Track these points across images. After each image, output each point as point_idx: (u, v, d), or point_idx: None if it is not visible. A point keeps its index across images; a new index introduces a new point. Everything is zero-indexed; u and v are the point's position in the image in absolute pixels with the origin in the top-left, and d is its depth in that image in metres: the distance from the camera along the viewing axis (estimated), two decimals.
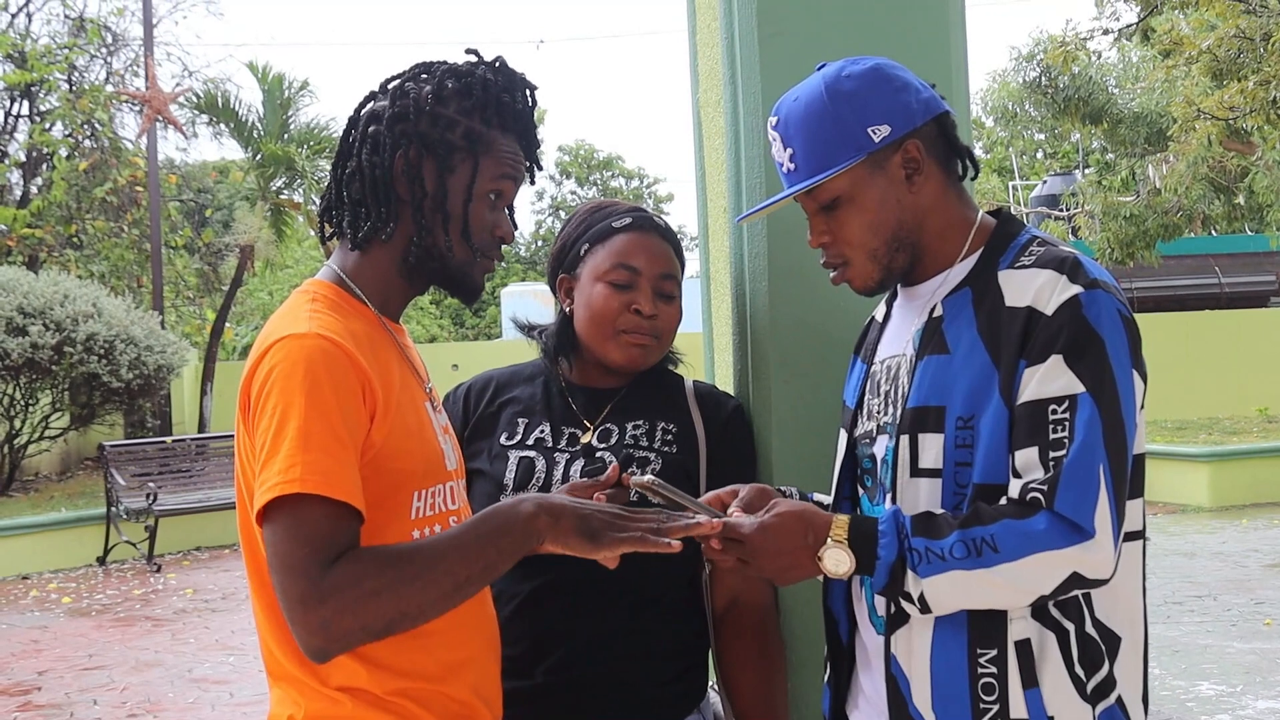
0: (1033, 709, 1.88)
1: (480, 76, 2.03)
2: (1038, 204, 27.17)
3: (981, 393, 1.90)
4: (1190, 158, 17.27)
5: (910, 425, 1.97)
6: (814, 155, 2.01)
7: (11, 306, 14.09)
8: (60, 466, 17.96)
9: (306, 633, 1.75)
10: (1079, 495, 1.78)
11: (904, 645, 1.96)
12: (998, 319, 1.92)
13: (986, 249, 2.03)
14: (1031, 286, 1.90)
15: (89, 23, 21.38)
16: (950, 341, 1.96)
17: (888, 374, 2.09)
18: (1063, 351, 1.84)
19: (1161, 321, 21.84)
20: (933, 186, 2.05)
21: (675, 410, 2.52)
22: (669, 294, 2.49)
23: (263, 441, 1.81)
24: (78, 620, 9.88)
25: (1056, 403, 1.82)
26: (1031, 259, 1.95)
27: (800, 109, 2.03)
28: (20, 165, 21.12)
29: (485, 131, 2.02)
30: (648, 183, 45.33)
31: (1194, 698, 6.79)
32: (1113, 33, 16.53)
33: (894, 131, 2.00)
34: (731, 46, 2.65)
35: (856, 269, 2.06)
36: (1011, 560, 1.79)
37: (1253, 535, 11.84)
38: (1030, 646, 1.89)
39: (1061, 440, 1.80)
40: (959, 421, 1.91)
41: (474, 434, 2.53)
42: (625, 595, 2.37)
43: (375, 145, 2.00)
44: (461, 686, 1.99)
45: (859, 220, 2.02)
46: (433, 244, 2.01)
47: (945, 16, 2.62)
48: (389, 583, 1.77)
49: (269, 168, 19.68)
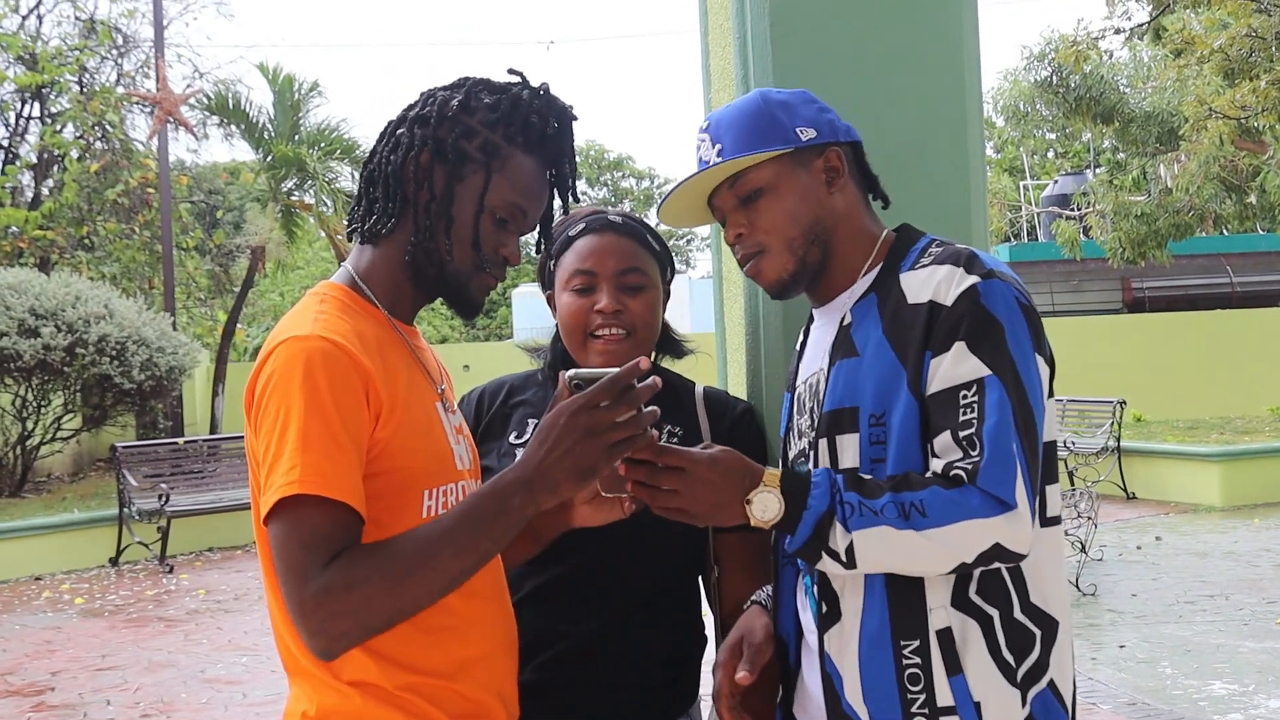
0: (959, 696, 1.91)
1: (514, 94, 2.03)
2: (1049, 203, 27.16)
3: (890, 390, 1.95)
4: (1202, 157, 17.24)
5: (827, 428, 2.03)
6: (743, 145, 2.09)
7: (23, 308, 14.13)
8: (72, 468, 18.01)
9: (308, 634, 1.77)
10: (1000, 471, 1.83)
11: (835, 643, 2.00)
12: (900, 318, 1.98)
13: (889, 257, 2.11)
14: (931, 282, 1.97)
15: (100, 25, 21.45)
16: (859, 344, 2.03)
17: (809, 391, 2.15)
18: (965, 338, 1.90)
19: (1173, 321, 21.81)
20: (848, 197, 2.14)
21: (682, 414, 2.53)
22: (634, 286, 2.48)
23: (266, 444, 1.83)
24: (90, 621, 9.91)
25: (965, 388, 1.88)
26: (930, 258, 2.02)
27: (734, 111, 2.14)
28: (31, 167, 21.20)
29: (504, 147, 2.01)
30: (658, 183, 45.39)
31: (1206, 697, 6.78)
32: (1124, 32, 16.50)
33: (819, 136, 2.11)
34: (744, 47, 2.65)
35: (772, 258, 2.11)
36: (939, 526, 1.82)
37: (1265, 535, 11.81)
38: (952, 635, 1.92)
39: (971, 420, 1.86)
40: (871, 419, 1.97)
41: (485, 434, 2.55)
42: (621, 597, 2.39)
43: (395, 144, 2.02)
44: (474, 684, 2.00)
45: (779, 209, 2.09)
46: (432, 248, 2.00)
47: (957, 15, 2.62)
48: (383, 582, 1.78)
49: (280, 169, 19.71)
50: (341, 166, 20.42)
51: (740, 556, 2.47)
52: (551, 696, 2.36)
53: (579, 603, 2.37)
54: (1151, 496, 14.41)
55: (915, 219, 2.21)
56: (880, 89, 2.53)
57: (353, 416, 1.84)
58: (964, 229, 2.59)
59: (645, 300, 2.49)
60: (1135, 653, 7.60)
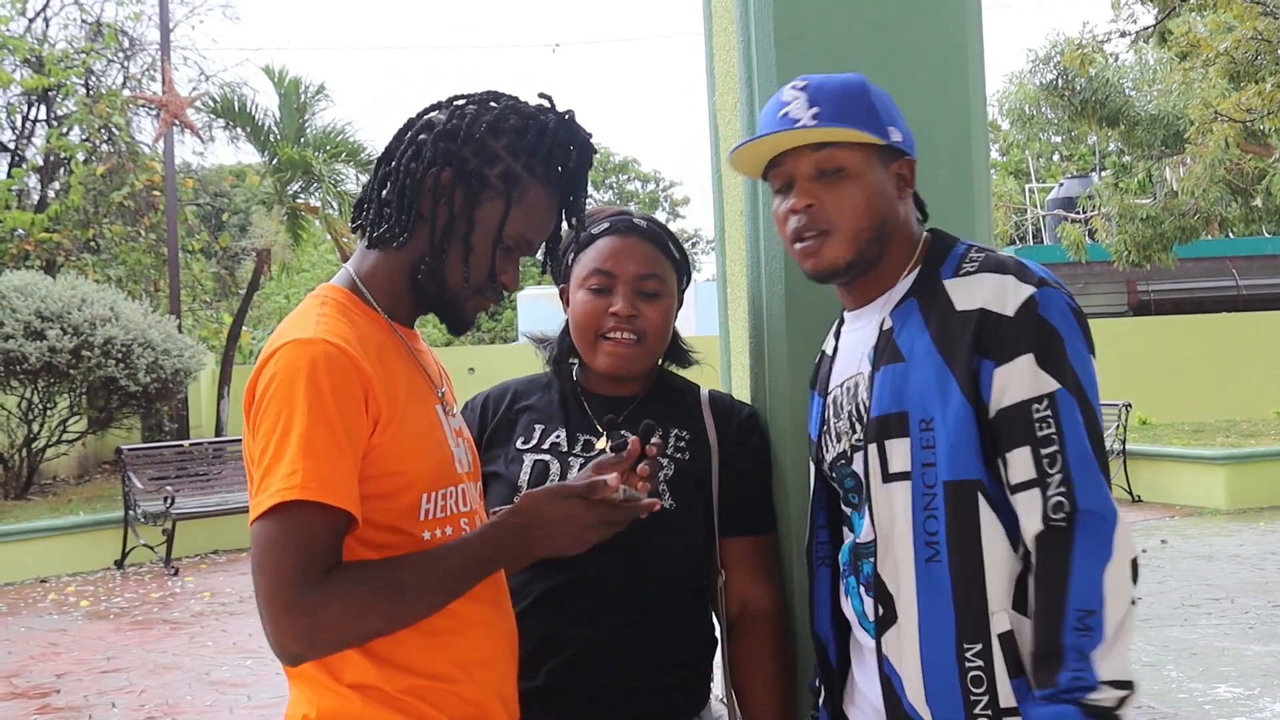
0: (1021, 697, 1.92)
1: (541, 122, 2.02)
2: (1054, 206, 27.13)
3: (939, 395, 1.98)
4: (1207, 160, 17.21)
5: (877, 434, 2.04)
6: (843, 119, 2.07)
7: (29, 311, 14.14)
8: (78, 470, 18.03)
9: (289, 638, 1.78)
10: (1094, 486, 1.89)
11: (894, 645, 2.02)
12: (949, 324, 2.00)
13: (926, 262, 2.12)
14: (981, 290, 2.00)
15: (106, 27, 21.46)
16: (904, 349, 2.04)
17: (847, 395, 2.16)
18: (1031, 351, 1.93)
19: (1178, 324, 21.78)
20: (907, 206, 2.16)
21: (689, 417, 2.54)
22: (650, 292, 2.48)
23: (264, 445, 1.83)
24: (96, 623, 9.92)
25: (1036, 402, 1.92)
26: (974, 265, 2.06)
27: (837, 82, 2.12)
28: (38, 170, 21.20)
29: (524, 178, 2.01)
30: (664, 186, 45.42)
31: (1211, 700, 6.77)
32: (1130, 35, 16.50)
33: (904, 142, 2.12)
34: (748, 50, 2.65)
35: (835, 242, 2.09)
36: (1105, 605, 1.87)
37: (1270, 538, 11.79)
38: (1014, 638, 1.94)
39: (1050, 437, 1.91)
40: (921, 424, 1.99)
41: (491, 440, 2.55)
42: (634, 601, 2.39)
43: (417, 153, 2.00)
44: (476, 687, 2.00)
45: (858, 195, 2.08)
46: (438, 268, 2.01)
47: (962, 19, 2.62)
48: (379, 606, 1.82)
49: (285, 172, 19.73)
50: (347, 169, 20.43)
51: (746, 560, 2.48)
52: (563, 701, 2.36)
53: (589, 607, 2.37)
54: (1157, 499, 14.40)
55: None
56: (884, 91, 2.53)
57: (353, 421, 1.85)
58: (968, 231, 2.58)
59: (660, 308, 2.49)
60: (1140, 656, 7.58)
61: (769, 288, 2.62)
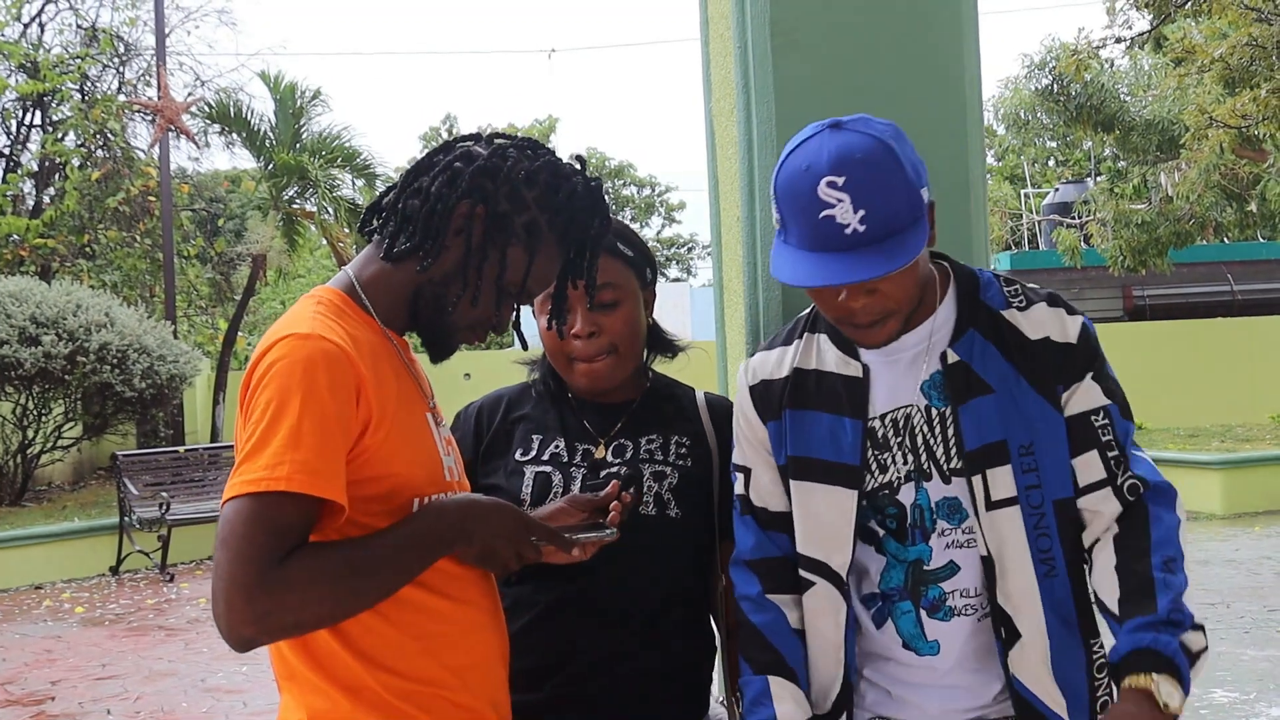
0: None
1: (573, 185, 2.06)
2: (1050, 211, 27.16)
3: (1034, 419, 2.10)
4: (1202, 165, 17.24)
5: (978, 464, 2.11)
6: (888, 219, 1.95)
7: (24, 316, 14.11)
8: (73, 476, 17.99)
9: (241, 620, 1.75)
10: (1154, 471, 2.13)
11: (1019, 658, 2.12)
12: (1028, 352, 2.12)
13: (957, 293, 2.17)
14: (1042, 321, 2.14)
15: (101, 33, 21.44)
16: (991, 380, 2.12)
17: (894, 427, 2.16)
18: (1090, 372, 2.13)
19: (1174, 329, 21.79)
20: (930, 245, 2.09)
21: (687, 422, 2.53)
22: (607, 303, 2.43)
23: (254, 428, 1.82)
24: (91, 630, 9.90)
25: (1094, 414, 2.12)
26: (1023, 300, 2.17)
27: (872, 171, 1.95)
28: (33, 175, 21.17)
29: (545, 233, 2.04)
30: (659, 191, 45.36)
31: (1207, 705, 6.77)
32: (1125, 41, 16.49)
33: (929, 194, 2.04)
34: (744, 56, 2.65)
35: (895, 321, 2.09)
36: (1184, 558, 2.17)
37: (1266, 542, 11.80)
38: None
39: (1111, 443, 2.11)
40: (1020, 449, 2.10)
41: (489, 452, 2.54)
42: (638, 612, 2.38)
43: (451, 181, 2.01)
44: (468, 692, 2.00)
45: (912, 280, 2.07)
46: (443, 295, 2.02)
47: (958, 25, 2.62)
48: (333, 588, 1.81)
49: (281, 177, 19.72)
50: (343, 174, 20.43)
51: None
52: (571, 712, 2.36)
53: (593, 619, 2.37)
54: None
55: None
56: (880, 98, 2.53)
57: (346, 418, 1.86)
58: (964, 237, 2.59)
59: (621, 314, 2.46)
60: None
61: (765, 293, 2.62)
